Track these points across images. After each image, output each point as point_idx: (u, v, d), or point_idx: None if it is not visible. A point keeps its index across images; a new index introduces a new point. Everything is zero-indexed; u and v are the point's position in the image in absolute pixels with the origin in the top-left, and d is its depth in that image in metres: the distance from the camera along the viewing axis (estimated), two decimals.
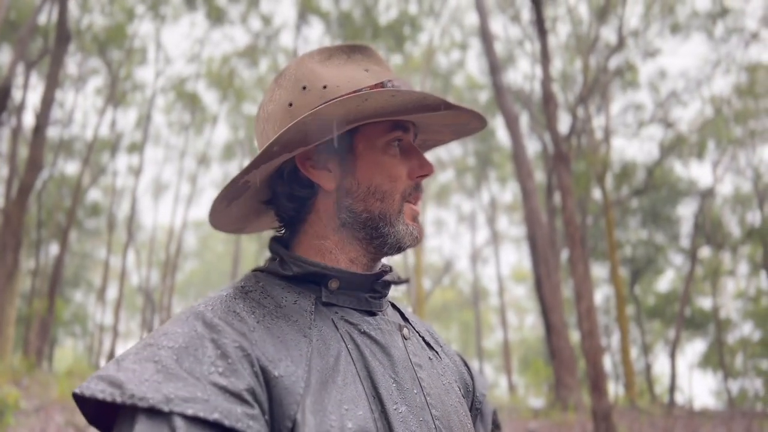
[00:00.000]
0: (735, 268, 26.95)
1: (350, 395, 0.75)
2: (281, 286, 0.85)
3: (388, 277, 0.92)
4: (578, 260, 9.22)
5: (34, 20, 13.58)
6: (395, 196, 0.87)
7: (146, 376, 0.66)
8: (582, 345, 9.11)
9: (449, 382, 0.93)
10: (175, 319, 0.76)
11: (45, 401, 9.00)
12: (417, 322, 1.01)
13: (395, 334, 0.88)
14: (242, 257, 31.63)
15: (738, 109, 20.85)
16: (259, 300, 0.81)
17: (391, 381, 0.80)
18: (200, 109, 25.75)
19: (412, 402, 0.80)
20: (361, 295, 0.87)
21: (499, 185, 32.17)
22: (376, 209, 0.87)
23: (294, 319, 0.80)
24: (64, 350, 40.73)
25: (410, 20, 20.51)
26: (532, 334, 42.36)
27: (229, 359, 0.69)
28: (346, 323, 0.83)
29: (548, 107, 9.67)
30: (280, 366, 0.72)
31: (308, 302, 0.83)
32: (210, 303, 0.79)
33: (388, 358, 0.82)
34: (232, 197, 0.90)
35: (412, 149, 0.91)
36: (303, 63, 0.90)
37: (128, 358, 0.69)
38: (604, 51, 18.58)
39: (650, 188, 21.08)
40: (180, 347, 0.69)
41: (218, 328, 0.73)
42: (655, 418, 12.50)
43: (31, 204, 17.32)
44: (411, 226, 0.89)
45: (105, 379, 0.66)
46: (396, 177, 0.88)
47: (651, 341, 30.40)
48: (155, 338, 0.72)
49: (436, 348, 0.98)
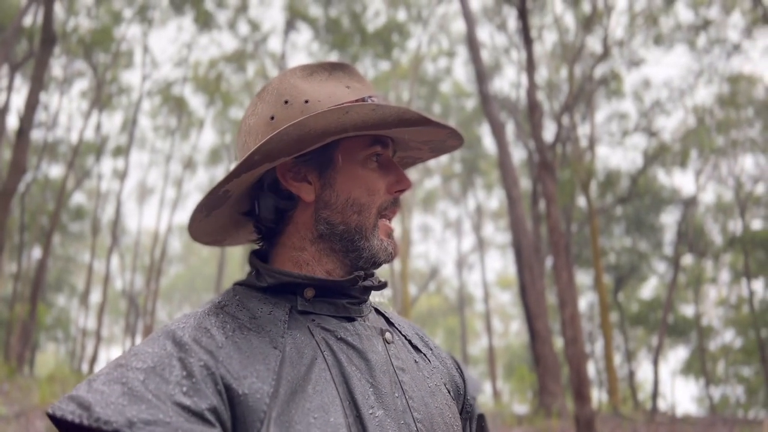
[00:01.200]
0: (717, 276, 27.27)
1: (321, 402, 0.76)
2: (257, 297, 0.87)
3: (367, 282, 0.92)
4: (563, 267, 9.29)
5: (19, 22, 13.49)
6: (372, 209, 0.89)
7: (113, 398, 0.67)
8: (566, 351, 9.18)
9: (436, 384, 0.93)
10: (148, 339, 0.78)
11: (26, 407, 8.90)
12: (404, 325, 1.01)
13: (375, 338, 0.88)
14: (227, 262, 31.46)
15: (720, 119, 21.14)
16: (233, 314, 0.83)
17: (367, 385, 0.81)
18: (187, 113, 25.63)
19: (391, 406, 0.81)
20: (338, 302, 0.88)
21: (485, 192, 32.33)
22: (353, 222, 0.88)
23: (267, 329, 0.81)
24: (45, 355, 40.23)
25: (398, 27, 20.61)
26: (517, 341, 42.49)
27: (194, 378, 0.71)
28: (322, 330, 0.84)
29: (533, 115, 9.77)
30: (244, 383, 0.73)
31: (282, 312, 0.84)
32: (183, 320, 0.81)
33: (365, 363, 0.83)
34: (212, 206, 0.91)
35: (390, 164, 0.92)
36: (285, 78, 0.92)
37: (99, 378, 0.71)
38: (589, 60, 18.77)
39: (634, 196, 21.28)
40: (148, 368, 0.71)
41: (186, 347, 0.74)
42: (638, 425, 12.60)
43: (14, 207, 17.15)
44: (385, 242, 0.90)
45: (75, 400, 0.68)
46: (374, 191, 0.89)
47: (634, 348, 30.61)
48: (126, 358, 0.74)
49: (424, 351, 0.98)
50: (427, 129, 0.92)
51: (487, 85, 14.77)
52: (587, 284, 27.60)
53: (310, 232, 0.90)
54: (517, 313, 41.53)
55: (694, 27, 19.26)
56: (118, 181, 25.72)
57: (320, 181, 0.89)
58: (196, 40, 23.53)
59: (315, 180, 0.89)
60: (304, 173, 0.90)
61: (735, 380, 28.09)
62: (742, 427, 11.94)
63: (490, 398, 27.08)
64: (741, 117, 21.48)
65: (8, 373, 12.62)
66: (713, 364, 28.65)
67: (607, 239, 24.77)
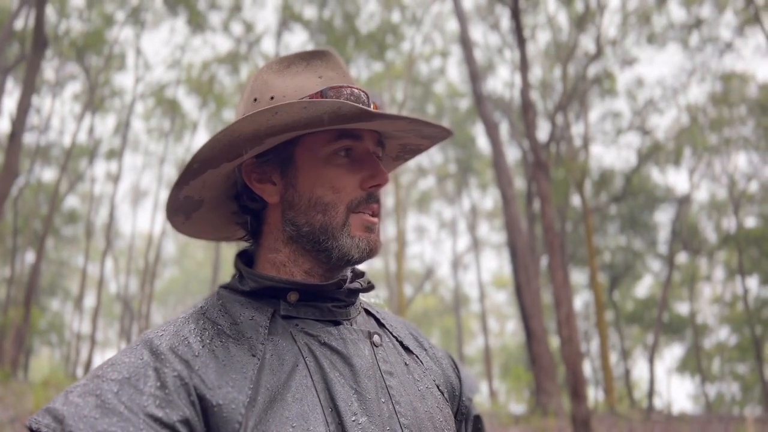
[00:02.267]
0: (711, 274, 27.38)
1: (300, 410, 0.74)
2: (240, 302, 0.85)
3: (354, 284, 0.90)
4: (558, 267, 9.30)
5: (11, 25, 13.42)
6: (339, 207, 0.85)
7: (86, 411, 0.68)
8: (562, 351, 9.18)
9: (427, 387, 0.90)
10: (127, 348, 0.78)
11: (20, 412, 8.85)
12: (398, 326, 0.99)
13: (362, 342, 0.86)
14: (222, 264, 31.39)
15: (713, 117, 21.23)
16: (215, 319, 0.82)
17: (351, 392, 0.79)
18: (180, 115, 25.56)
19: (376, 412, 0.79)
20: (323, 306, 0.85)
21: (480, 192, 32.37)
22: (317, 222, 0.85)
23: (247, 336, 0.79)
24: (40, 359, 40.03)
25: (392, 28, 20.61)
26: (513, 341, 42.56)
27: (167, 389, 0.70)
28: (305, 335, 0.82)
29: (527, 115, 9.78)
30: (219, 393, 0.72)
31: (264, 317, 0.82)
32: (163, 328, 0.80)
33: (349, 368, 0.81)
34: (186, 210, 0.91)
35: (365, 158, 0.88)
36: (260, 74, 0.91)
37: (76, 390, 0.71)
38: (582, 59, 18.82)
39: (628, 195, 21.34)
40: (123, 379, 0.71)
41: (162, 356, 0.74)
42: (634, 423, 12.62)
43: (7, 211, 17.06)
44: (358, 237, 0.85)
45: (51, 413, 0.69)
46: (339, 188, 0.85)
47: (630, 346, 30.69)
48: (103, 369, 0.74)
49: (416, 352, 0.96)
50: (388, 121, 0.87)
51: (481, 85, 14.79)
52: (582, 283, 27.67)
53: (282, 234, 0.87)
54: (512, 312, 41.60)
55: (687, 25, 19.34)
56: (111, 184, 25.65)
57: (283, 181, 0.87)
58: (189, 41, 23.49)
59: (278, 180, 0.87)
60: (269, 174, 0.87)
61: (730, 377, 28.21)
62: (738, 425, 11.97)
63: (487, 398, 27.11)
64: (734, 115, 21.57)
65: (2, 377, 12.55)
66: (708, 362, 28.76)
67: (601, 238, 24.84)
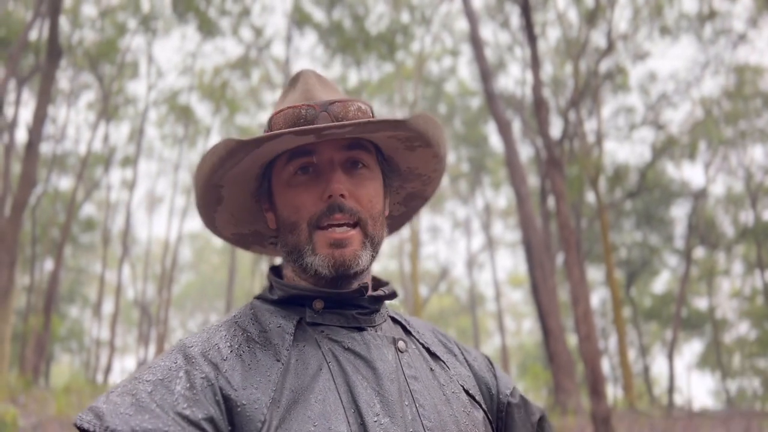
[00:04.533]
0: (730, 268, 27.06)
1: (322, 411, 0.77)
2: (269, 311, 0.91)
3: (378, 292, 0.93)
4: (574, 264, 9.25)
5: (25, 37, 13.59)
6: (301, 225, 0.89)
7: (122, 409, 0.74)
8: (580, 348, 9.13)
9: (453, 392, 0.91)
10: (164, 353, 0.85)
11: (43, 418, 8.94)
12: (426, 332, 1.01)
13: (386, 347, 0.88)
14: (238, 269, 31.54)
15: (728, 110, 21.00)
16: (245, 327, 0.88)
17: (373, 394, 0.81)
18: (193, 121, 25.72)
19: (399, 413, 0.81)
20: (347, 313, 0.89)
21: (493, 191, 32.23)
22: (290, 242, 0.91)
23: (274, 342, 0.85)
24: (60, 366, 40.47)
25: (402, 29, 20.61)
26: (530, 339, 42.34)
27: (195, 390, 0.77)
28: (329, 341, 0.86)
29: (540, 112, 9.73)
30: (243, 394, 0.78)
31: (290, 324, 0.87)
32: (197, 335, 0.87)
33: (372, 372, 0.84)
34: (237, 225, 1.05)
35: (324, 170, 0.89)
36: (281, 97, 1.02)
37: (117, 390, 0.78)
38: (594, 55, 18.69)
39: (643, 190, 21.17)
40: (157, 380, 0.78)
41: (193, 360, 0.81)
42: (655, 420, 12.51)
43: (25, 220, 17.26)
44: (322, 255, 0.87)
45: (93, 411, 0.75)
46: (298, 206, 0.89)
47: (648, 343, 30.45)
48: (141, 371, 0.81)
49: (444, 357, 0.97)
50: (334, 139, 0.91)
51: (492, 84, 14.75)
52: (599, 280, 27.48)
53: None
54: (529, 311, 41.40)
55: (700, 17, 19.14)
56: (127, 191, 25.88)
57: (272, 209, 0.96)
58: (200, 48, 23.63)
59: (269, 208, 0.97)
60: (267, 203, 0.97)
61: (751, 372, 27.88)
62: (760, 420, 11.83)
63: None
64: (749, 107, 21.32)
65: (24, 385, 12.68)
66: (729, 357, 28.45)
67: (617, 234, 24.65)
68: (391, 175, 1.01)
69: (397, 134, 0.93)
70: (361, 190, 0.91)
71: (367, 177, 0.92)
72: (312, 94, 0.95)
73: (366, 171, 0.92)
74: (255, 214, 1.02)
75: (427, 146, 0.97)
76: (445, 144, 1.00)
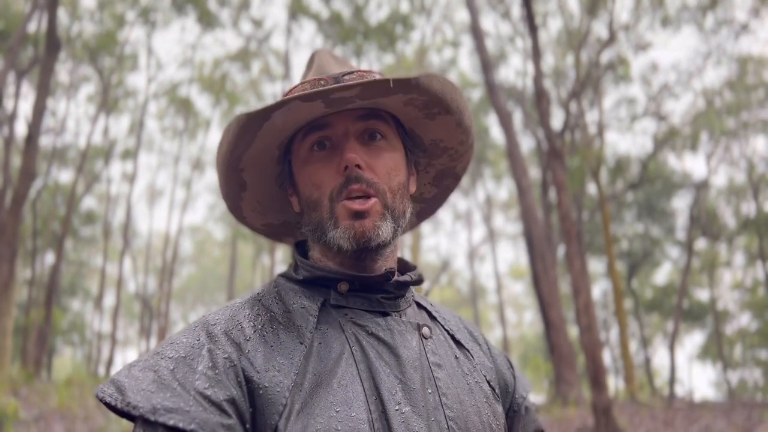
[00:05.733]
0: (731, 259, 27.03)
1: (344, 397, 0.76)
2: (294, 290, 0.89)
3: (404, 277, 0.91)
4: (575, 255, 9.23)
5: (24, 29, 13.53)
6: (323, 201, 0.87)
7: (144, 385, 0.73)
8: (581, 340, 9.12)
9: (476, 381, 0.91)
10: (186, 328, 0.83)
11: (44, 411, 8.96)
12: (452, 319, 1.01)
13: (410, 334, 0.87)
14: (239, 261, 31.58)
15: (730, 101, 20.92)
16: (268, 306, 0.86)
17: (395, 381, 0.80)
18: (193, 114, 25.68)
19: (420, 402, 0.80)
20: (372, 297, 0.87)
21: (494, 183, 32.19)
22: (314, 220, 0.88)
23: (297, 324, 0.83)
24: (62, 359, 40.59)
25: (402, 19, 20.50)
26: (531, 331, 42.42)
27: (217, 370, 0.75)
28: (353, 325, 0.84)
29: (541, 103, 9.68)
30: (265, 377, 0.76)
31: (315, 306, 0.85)
32: (220, 312, 0.85)
33: (395, 359, 0.82)
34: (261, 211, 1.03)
35: (339, 143, 0.88)
36: None
37: (138, 364, 0.77)
38: (595, 45, 18.60)
39: (645, 182, 21.11)
40: (179, 357, 0.76)
41: (216, 338, 0.79)
42: (656, 411, 12.53)
43: (25, 213, 17.26)
44: (344, 227, 0.85)
45: (115, 384, 0.75)
46: (319, 183, 0.87)
47: (650, 334, 30.48)
48: (163, 347, 0.79)
49: (468, 346, 0.97)
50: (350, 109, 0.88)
51: (493, 75, 14.69)
52: (600, 272, 27.48)
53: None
54: (530, 303, 41.46)
55: (701, 7, 19.04)
56: (127, 184, 25.85)
57: (295, 191, 0.94)
58: (199, 40, 23.56)
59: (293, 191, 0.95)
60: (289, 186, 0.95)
61: (752, 364, 27.92)
62: (762, 411, 11.84)
63: None
64: (751, 98, 21.23)
65: (26, 378, 12.72)
66: (730, 348, 28.47)
67: (618, 226, 24.62)
68: (415, 150, 0.97)
69: (412, 99, 0.88)
70: (379, 161, 0.88)
71: (384, 148, 0.90)
72: (325, 69, 0.93)
73: (384, 142, 0.90)
74: (282, 203, 1.00)
75: (447, 113, 0.93)
76: (467, 111, 0.95)
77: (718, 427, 10.23)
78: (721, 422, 10.73)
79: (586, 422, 10.45)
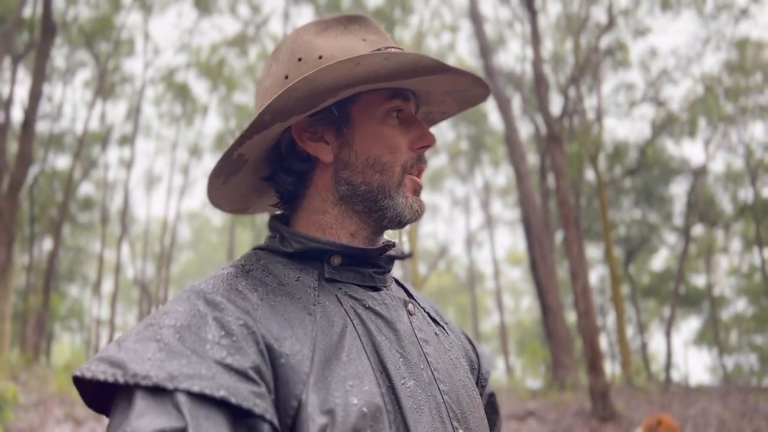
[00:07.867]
0: (728, 245, 27.12)
1: (355, 371, 0.74)
2: (282, 263, 0.84)
3: (392, 252, 0.89)
4: (573, 241, 9.25)
5: (19, 13, 13.42)
6: (395, 168, 0.85)
7: (148, 354, 0.64)
8: (578, 325, 9.17)
9: (456, 357, 0.91)
10: (175, 299, 0.74)
11: (44, 395, 9.00)
12: (421, 298, 1.00)
13: (400, 309, 0.86)
14: (237, 247, 31.58)
15: (729, 86, 20.86)
16: (260, 278, 0.80)
17: (398, 356, 0.79)
18: (191, 99, 25.57)
19: (420, 377, 0.79)
20: (364, 271, 0.86)
21: (493, 168, 32.18)
22: (375, 182, 0.84)
23: (297, 296, 0.78)
24: (61, 345, 40.71)
25: (400, 3, 20.37)
26: (529, 316, 42.59)
27: (234, 337, 0.68)
28: (350, 299, 0.82)
29: (540, 89, 9.66)
30: (285, 344, 0.71)
31: (311, 279, 0.82)
32: (211, 281, 0.77)
33: (394, 333, 0.81)
34: (228, 172, 0.88)
35: (412, 120, 0.88)
36: (299, 35, 0.88)
37: (129, 338, 0.68)
38: (594, 31, 18.51)
39: (643, 168, 21.11)
40: (182, 325, 0.68)
41: (221, 306, 0.71)
42: (652, 395, 12.62)
43: (22, 199, 17.22)
44: (411, 199, 0.86)
45: (106, 360, 0.65)
46: (396, 148, 0.85)
47: (646, 320, 30.63)
48: (156, 318, 0.70)
49: (441, 324, 0.97)
50: (448, 78, 0.87)
51: (492, 60, 14.63)
52: (597, 258, 27.54)
53: (332, 194, 0.86)
54: (527, 288, 41.59)
55: None
56: (125, 170, 25.77)
57: (338, 141, 0.86)
58: (197, 25, 23.40)
59: (332, 139, 0.86)
60: (321, 133, 0.86)
61: (748, 349, 28.10)
62: (756, 395, 11.94)
63: (504, 374, 27.22)
64: (750, 83, 21.17)
65: (25, 363, 12.76)
66: (726, 334, 28.64)
67: (616, 212, 24.65)
68: None
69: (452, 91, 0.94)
70: None
71: None
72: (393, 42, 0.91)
73: None
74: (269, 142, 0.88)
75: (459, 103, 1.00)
76: None
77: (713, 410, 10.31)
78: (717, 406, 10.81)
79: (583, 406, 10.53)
